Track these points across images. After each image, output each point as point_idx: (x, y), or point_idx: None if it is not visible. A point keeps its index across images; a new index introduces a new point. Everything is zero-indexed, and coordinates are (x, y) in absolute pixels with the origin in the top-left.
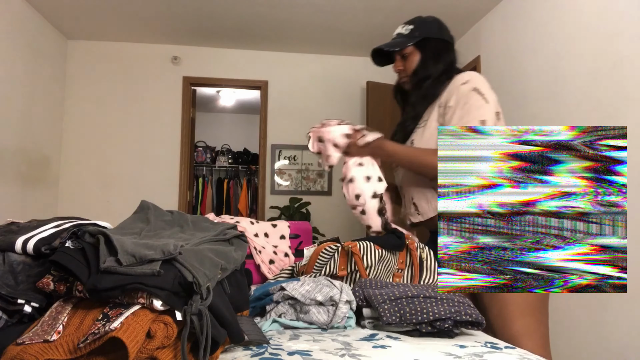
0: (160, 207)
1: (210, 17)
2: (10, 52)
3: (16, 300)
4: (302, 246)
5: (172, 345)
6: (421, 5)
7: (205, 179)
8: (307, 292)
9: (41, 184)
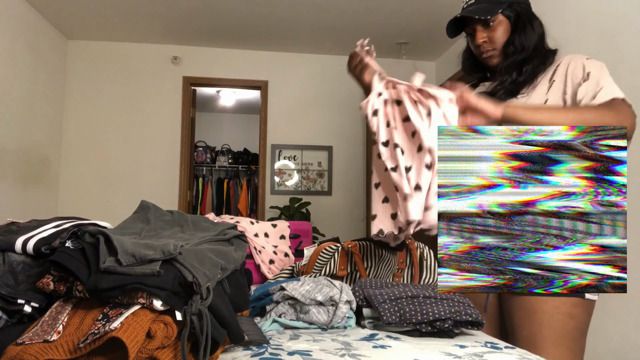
0: (160, 207)
1: (210, 17)
2: (10, 52)
3: (16, 300)
4: (302, 246)
5: (172, 345)
6: (421, 5)
7: (205, 179)
8: (307, 292)
9: (41, 184)
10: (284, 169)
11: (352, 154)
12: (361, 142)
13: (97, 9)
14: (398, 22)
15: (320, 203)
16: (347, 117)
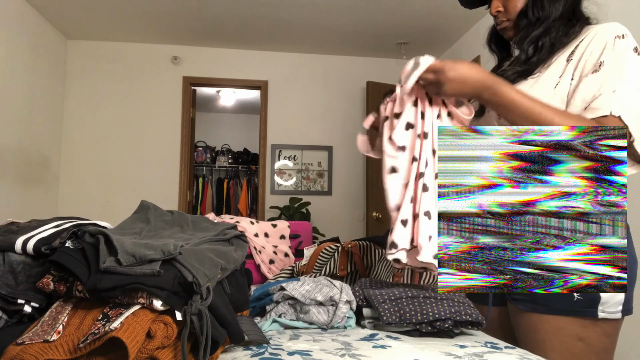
0: (160, 207)
1: (210, 17)
2: (10, 52)
3: (16, 300)
4: (302, 246)
5: (172, 345)
6: (421, 6)
7: (205, 179)
8: (307, 292)
9: (41, 184)
10: (284, 169)
11: (352, 154)
12: None
13: (97, 9)
14: (398, 22)
15: (320, 203)
16: (347, 117)
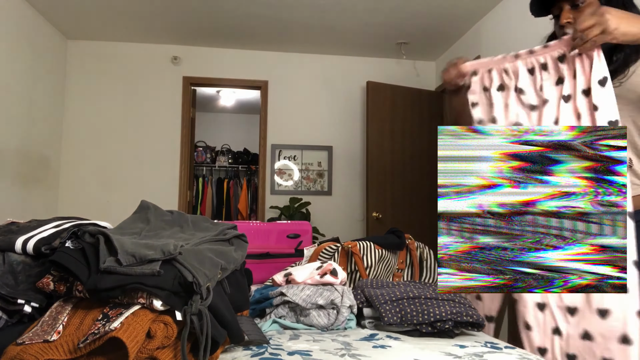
0: (160, 207)
1: (210, 17)
2: (10, 52)
3: (16, 300)
4: (302, 246)
5: (172, 345)
6: (421, 6)
7: (205, 179)
8: (308, 296)
9: (41, 184)
10: (284, 169)
11: (352, 154)
12: (361, 142)
13: (97, 9)
14: (398, 22)
15: (320, 203)
16: (347, 117)
